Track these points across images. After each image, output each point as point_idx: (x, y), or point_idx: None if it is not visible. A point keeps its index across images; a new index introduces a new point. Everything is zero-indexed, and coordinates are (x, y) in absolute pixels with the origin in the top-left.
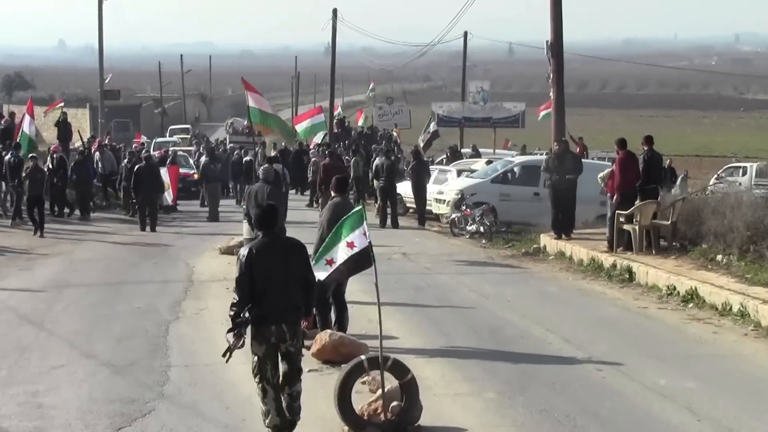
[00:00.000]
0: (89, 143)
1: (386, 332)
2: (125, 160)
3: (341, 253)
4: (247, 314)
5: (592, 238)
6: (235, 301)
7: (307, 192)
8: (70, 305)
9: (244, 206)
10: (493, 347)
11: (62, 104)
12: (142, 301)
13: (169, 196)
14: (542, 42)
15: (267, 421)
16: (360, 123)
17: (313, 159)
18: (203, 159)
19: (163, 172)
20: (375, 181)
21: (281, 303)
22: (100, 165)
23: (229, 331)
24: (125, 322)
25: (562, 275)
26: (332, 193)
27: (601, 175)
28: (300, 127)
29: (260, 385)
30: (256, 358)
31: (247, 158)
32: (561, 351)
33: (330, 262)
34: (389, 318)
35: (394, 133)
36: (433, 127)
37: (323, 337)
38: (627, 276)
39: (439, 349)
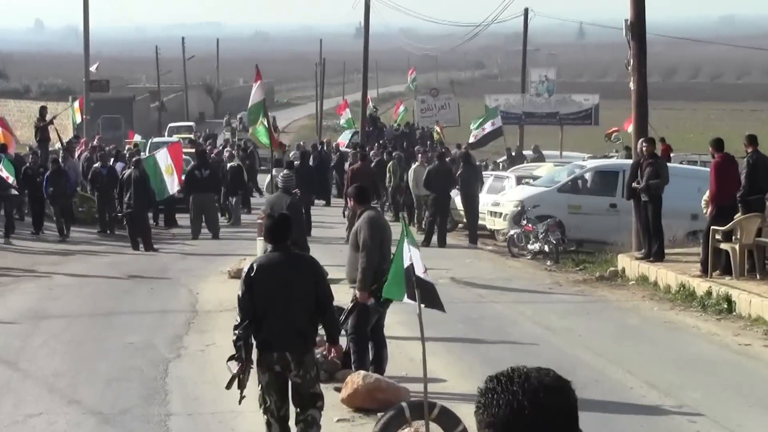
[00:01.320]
0: (70, 145)
1: (431, 374)
2: (83, 161)
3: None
4: (252, 339)
5: (681, 259)
6: (236, 322)
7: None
8: (49, 340)
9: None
10: None
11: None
12: (135, 336)
13: (173, 185)
14: (620, 21)
15: None
16: (397, 119)
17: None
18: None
19: (162, 156)
20: (414, 190)
21: (283, 328)
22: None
23: (230, 358)
24: (116, 360)
25: (645, 305)
26: (356, 205)
27: (705, 196)
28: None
29: (265, 417)
30: (259, 387)
31: (233, 164)
32: (644, 398)
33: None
34: (435, 357)
35: (437, 129)
36: (495, 123)
37: (355, 379)
38: (725, 306)
39: None
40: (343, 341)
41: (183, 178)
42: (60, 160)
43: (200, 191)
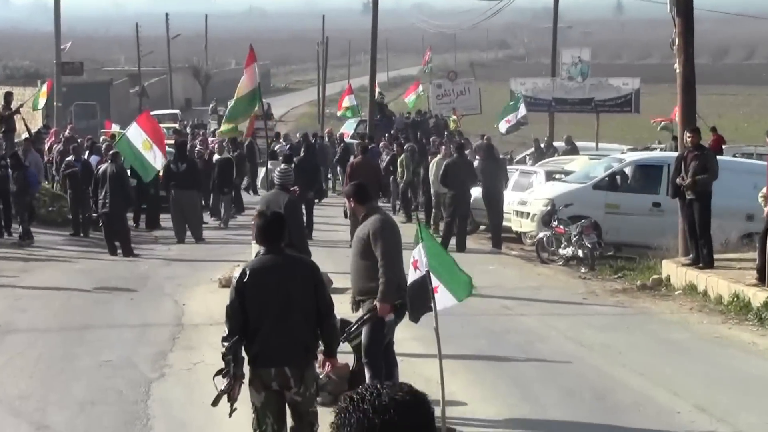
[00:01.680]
0: (39, 136)
1: (450, 396)
2: (56, 154)
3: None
4: (243, 352)
5: (735, 265)
6: (224, 335)
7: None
8: (14, 358)
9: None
10: (599, 418)
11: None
12: (113, 353)
13: (158, 158)
14: None
15: None
16: (407, 101)
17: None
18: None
19: (134, 132)
20: (434, 187)
21: (281, 339)
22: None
23: (218, 373)
24: (90, 381)
25: (693, 318)
26: (357, 206)
27: (763, 192)
28: (341, 112)
29: None
30: (253, 408)
31: (221, 157)
32: (694, 423)
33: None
34: (454, 376)
35: (453, 118)
36: (521, 111)
37: None
38: None
39: (523, 420)
40: (346, 358)
41: (164, 170)
42: (20, 152)
43: (178, 188)
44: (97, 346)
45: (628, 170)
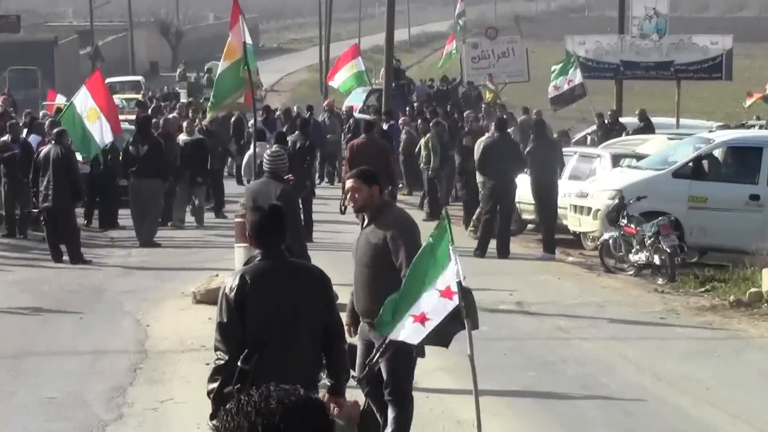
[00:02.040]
0: None
1: None
2: None
3: (434, 306)
4: (238, 384)
5: None
6: (220, 363)
7: None
8: None
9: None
10: None
11: None
12: (58, 388)
13: (104, 132)
14: None
15: None
16: (443, 58)
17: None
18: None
19: (82, 98)
20: (478, 176)
21: (283, 367)
22: None
23: (213, 415)
24: (29, 423)
25: None
26: (374, 194)
27: None
28: (340, 84)
29: None
30: None
31: (193, 137)
32: None
33: (420, 319)
34: (495, 417)
35: (489, 86)
36: (577, 78)
37: None
38: None
39: None
40: (354, 393)
41: (123, 154)
42: None
43: (138, 176)
44: (37, 379)
45: (717, 153)
